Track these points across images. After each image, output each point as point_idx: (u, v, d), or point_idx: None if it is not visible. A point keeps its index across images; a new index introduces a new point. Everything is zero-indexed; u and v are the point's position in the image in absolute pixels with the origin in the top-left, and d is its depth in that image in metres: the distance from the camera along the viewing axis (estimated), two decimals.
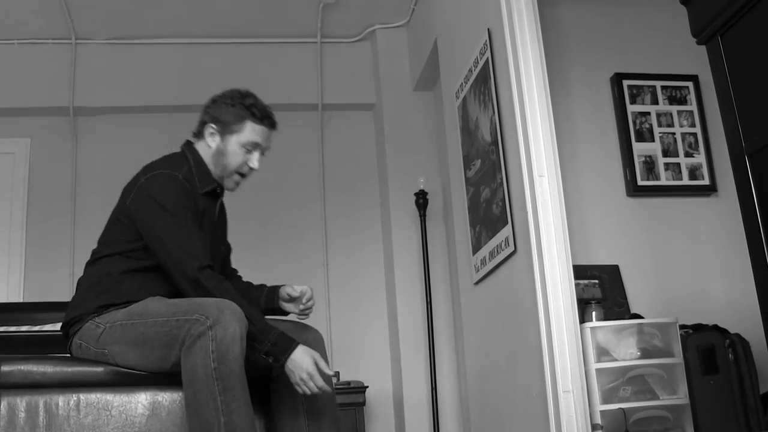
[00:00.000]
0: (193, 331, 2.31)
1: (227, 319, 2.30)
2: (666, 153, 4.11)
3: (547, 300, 2.97)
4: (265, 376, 2.62)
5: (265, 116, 2.73)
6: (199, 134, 2.76)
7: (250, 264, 5.68)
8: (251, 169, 2.73)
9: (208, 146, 2.72)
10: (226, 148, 2.69)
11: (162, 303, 2.50)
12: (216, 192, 2.74)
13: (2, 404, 2.45)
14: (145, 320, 2.46)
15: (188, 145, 2.78)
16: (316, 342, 2.66)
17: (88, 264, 2.69)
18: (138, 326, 2.46)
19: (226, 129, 2.69)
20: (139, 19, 5.11)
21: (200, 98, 5.58)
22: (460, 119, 3.99)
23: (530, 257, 3.08)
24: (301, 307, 2.81)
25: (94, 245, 2.71)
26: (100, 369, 2.54)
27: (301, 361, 2.43)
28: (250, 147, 2.70)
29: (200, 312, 2.34)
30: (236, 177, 2.74)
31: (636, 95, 4.17)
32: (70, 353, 2.64)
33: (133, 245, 2.60)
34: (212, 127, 2.71)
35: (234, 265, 3.00)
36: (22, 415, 2.45)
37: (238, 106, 2.70)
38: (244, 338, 2.33)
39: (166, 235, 2.51)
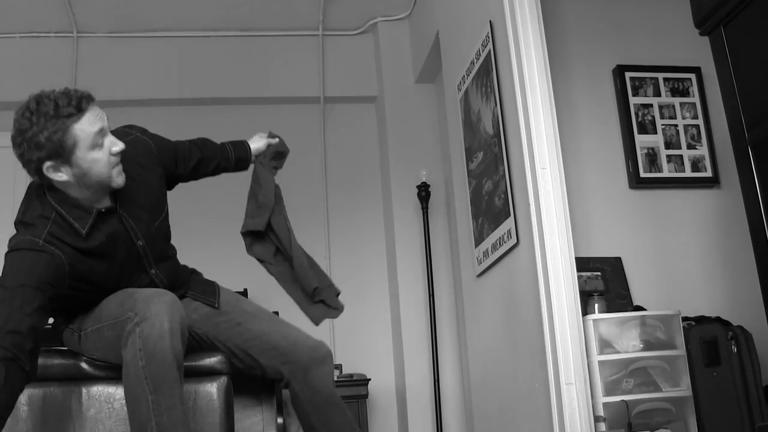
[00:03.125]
0: (127, 329, 2.22)
1: (154, 314, 2.19)
2: (668, 145, 4.11)
3: (550, 292, 2.97)
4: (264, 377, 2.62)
5: (76, 104, 2.25)
6: (41, 177, 2.29)
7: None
8: (119, 152, 2.30)
9: (63, 182, 2.28)
10: (82, 166, 2.25)
11: (113, 302, 2.39)
12: (103, 212, 2.37)
13: None
14: (104, 323, 2.39)
15: (41, 188, 2.37)
16: (321, 355, 2.64)
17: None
18: (103, 330, 2.40)
19: (62, 152, 2.22)
20: (140, 12, 5.11)
21: (202, 91, 5.58)
22: (462, 111, 3.98)
23: (532, 249, 3.08)
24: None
25: None
26: (101, 362, 2.54)
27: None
28: (98, 140, 2.27)
29: (132, 309, 2.25)
30: (115, 171, 2.32)
31: (638, 87, 4.16)
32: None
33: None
34: (49, 163, 2.23)
35: (234, 259, 3.01)
36: (25, 408, 2.46)
37: (49, 121, 2.20)
38: (176, 331, 2.19)
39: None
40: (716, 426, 3.27)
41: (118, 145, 2.30)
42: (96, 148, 2.26)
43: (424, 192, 4.88)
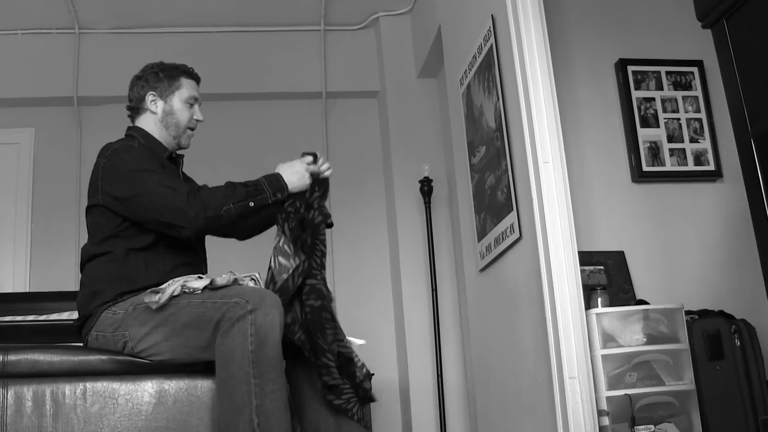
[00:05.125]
0: (232, 314, 2.34)
1: (268, 306, 2.34)
2: (671, 139, 4.10)
3: (553, 286, 2.97)
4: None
5: (192, 71, 2.95)
6: (137, 111, 2.88)
7: (254, 254, 5.69)
8: (198, 121, 2.91)
9: (153, 113, 2.85)
10: (173, 107, 2.86)
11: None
12: (172, 158, 2.89)
13: (9, 393, 2.46)
14: (178, 301, 2.46)
15: (130, 129, 2.89)
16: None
17: (85, 263, 2.70)
18: (168, 307, 2.46)
19: (166, 91, 2.85)
20: (142, 8, 5.11)
21: (203, 87, 5.57)
22: (465, 106, 3.98)
23: (535, 244, 3.07)
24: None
25: None
26: (106, 358, 2.55)
27: (295, 171, 2.78)
28: (191, 101, 2.89)
29: (240, 296, 2.38)
30: (189, 132, 2.90)
31: (641, 81, 4.15)
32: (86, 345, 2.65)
33: (123, 228, 2.64)
34: (153, 95, 2.85)
35: (236, 256, 3.05)
36: (29, 404, 2.46)
37: (167, 70, 2.88)
38: (282, 326, 2.37)
39: (148, 195, 2.57)
40: (719, 420, 3.27)
41: (201, 117, 2.92)
42: (186, 105, 2.87)
43: (426, 187, 4.88)
